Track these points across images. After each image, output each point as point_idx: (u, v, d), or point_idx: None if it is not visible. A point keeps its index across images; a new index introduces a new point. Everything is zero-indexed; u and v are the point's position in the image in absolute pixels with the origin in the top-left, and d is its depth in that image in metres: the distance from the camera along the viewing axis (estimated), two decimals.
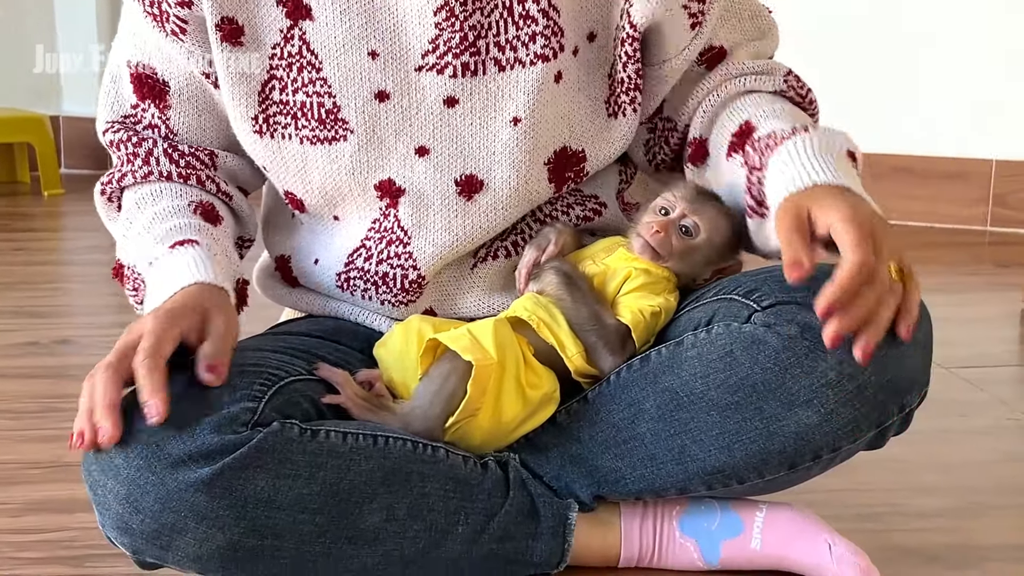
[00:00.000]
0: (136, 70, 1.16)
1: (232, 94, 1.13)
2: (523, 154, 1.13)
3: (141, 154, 1.17)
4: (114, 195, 1.20)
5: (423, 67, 1.10)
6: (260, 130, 1.14)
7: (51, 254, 2.70)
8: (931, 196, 2.92)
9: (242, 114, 1.13)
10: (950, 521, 1.27)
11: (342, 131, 1.12)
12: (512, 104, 1.11)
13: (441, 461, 1.05)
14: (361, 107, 1.11)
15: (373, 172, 1.13)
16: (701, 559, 1.11)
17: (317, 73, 1.10)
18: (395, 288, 1.16)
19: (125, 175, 1.18)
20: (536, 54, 1.11)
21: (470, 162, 1.13)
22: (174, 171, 1.17)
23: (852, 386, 1.00)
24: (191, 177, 1.17)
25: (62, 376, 1.74)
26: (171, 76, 1.15)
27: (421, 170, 1.13)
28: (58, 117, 3.53)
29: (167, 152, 1.17)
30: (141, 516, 0.96)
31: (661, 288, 1.12)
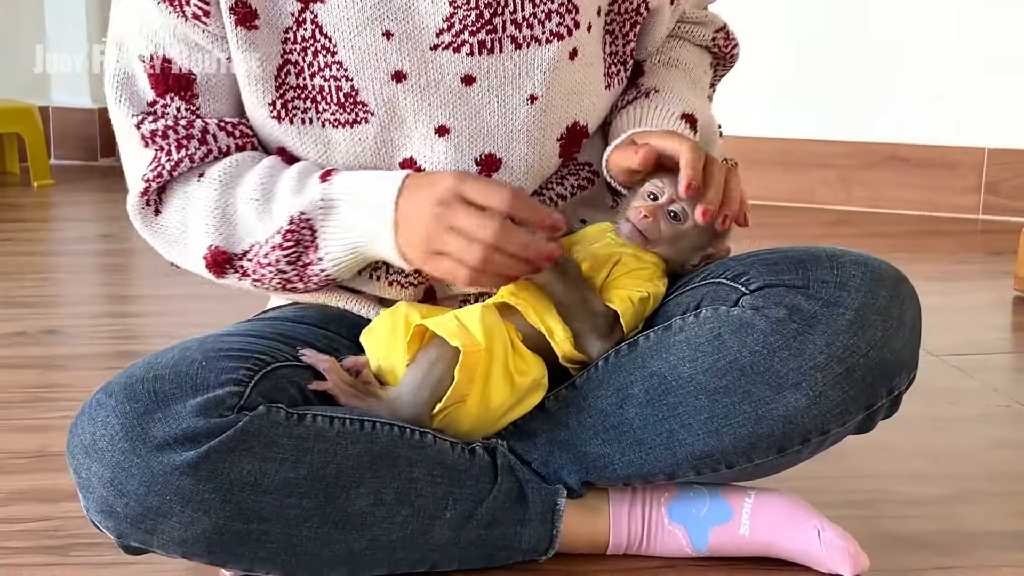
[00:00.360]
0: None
1: (248, 79, 1.11)
2: (539, 131, 1.13)
3: (196, 133, 1.11)
4: (153, 199, 1.12)
5: (438, 45, 1.09)
6: (279, 116, 1.12)
7: (40, 244, 2.69)
8: (924, 185, 2.92)
9: (258, 100, 1.11)
10: (940, 508, 1.26)
11: (363, 114, 1.10)
12: (529, 82, 1.11)
13: (429, 446, 1.05)
14: (379, 89, 1.09)
15: (397, 151, 1.12)
16: (690, 545, 1.11)
17: (332, 57, 1.09)
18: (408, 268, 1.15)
19: (179, 162, 1.10)
20: (552, 32, 1.11)
21: (488, 141, 1.13)
22: (232, 144, 1.12)
23: (841, 368, 1.00)
24: (246, 147, 1.13)
25: (49, 366, 1.73)
26: (194, 64, 1.11)
27: (442, 150, 1.12)
28: (47, 108, 3.52)
29: (221, 126, 1.12)
30: (126, 499, 0.95)
31: (650, 274, 1.12)
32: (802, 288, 1.02)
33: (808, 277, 1.03)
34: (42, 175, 3.22)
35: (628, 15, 1.18)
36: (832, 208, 2.98)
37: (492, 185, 1.02)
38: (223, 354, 1.01)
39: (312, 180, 1.09)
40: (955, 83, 2.88)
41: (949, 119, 2.89)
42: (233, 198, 1.10)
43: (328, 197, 1.07)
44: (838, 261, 1.04)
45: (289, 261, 1.09)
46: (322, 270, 1.09)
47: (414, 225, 1.03)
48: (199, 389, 0.97)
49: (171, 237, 1.13)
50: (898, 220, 2.89)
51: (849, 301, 1.01)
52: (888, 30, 2.91)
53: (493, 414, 1.08)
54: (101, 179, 3.38)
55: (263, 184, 1.09)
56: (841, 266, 1.03)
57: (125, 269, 2.49)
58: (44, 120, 3.41)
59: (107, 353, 1.79)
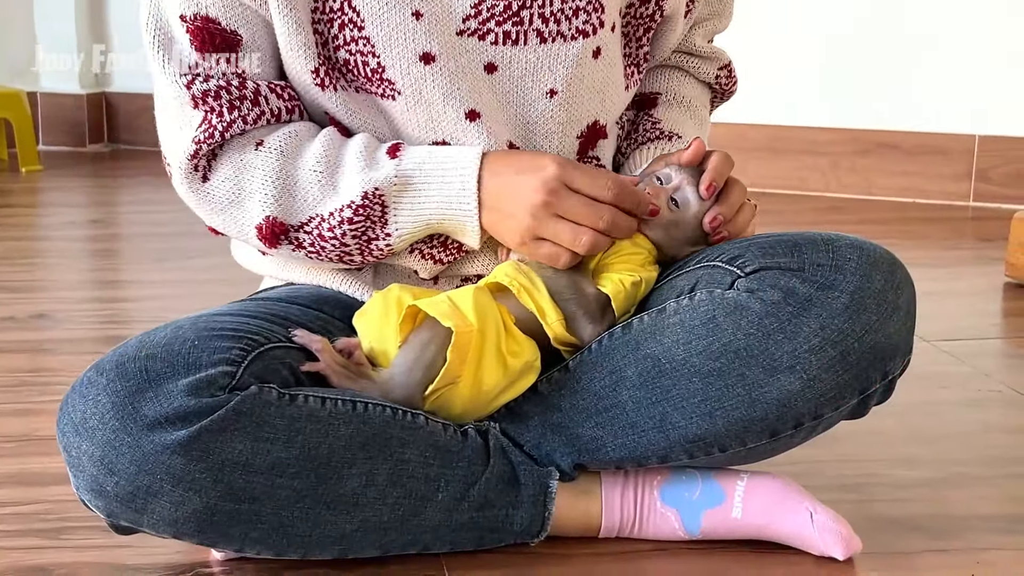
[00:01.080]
0: (195, 24, 1.07)
1: (290, 44, 1.09)
2: (557, 126, 1.14)
3: (248, 95, 1.08)
4: (201, 164, 1.09)
5: (464, 31, 1.09)
6: (322, 83, 1.10)
7: (28, 230, 2.67)
8: (915, 172, 2.93)
9: (302, 66, 1.10)
10: (932, 491, 1.27)
11: (390, 91, 1.10)
12: (551, 76, 1.11)
13: (421, 428, 1.04)
14: (406, 68, 1.08)
15: (426, 133, 1.11)
16: (682, 529, 1.10)
17: (359, 32, 1.08)
18: (436, 242, 1.13)
19: (232, 123, 1.07)
20: (578, 29, 1.11)
21: (511, 129, 1.13)
22: (283, 107, 1.11)
23: (835, 352, 1.00)
24: (295, 111, 1.12)
25: (38, 351, 1.73)
26: (240, 24, 1.08)
27: (475, 134, 1.11)
28: (36, 93, 3.50)
29: (271, 87, 1.10)
30: (116, 478, 0.95)
31: (643, 259, 1.12)
32: (797, 271, 1.02)
33: (803, 260, 1.02)
34: (30, 161, 3.21)
35: (643, 20, 1.19)
36: (823, 195, 2.98)
37: (598, 175, 1.06)
38: (216, 334, 1.00)
39: (381, 155, 1.09)
40: (945, 70, 2.88)
41: (939, 106, 2.90)
42: (294, 168, 1.09)
43: (402, 173, 1.07)
44: (833, 245, 1.03)
45: (355, 235, 1.09)
46: (387, 245, 1.10)
47: (512, 209, 1.06)
48: (191, 368, 0.97)
49: (219, 204, 1.11)
50: (889, 207, 2.89)
51: (844, 285, 1.01)
52: (878, 18, 2.91)
53: (485, 396, 1.08)
54: (89, 165, 3.37)
55: (327, 156, 1.09)
56: (836, 250, 1.03)
57: (114, 254, 2.48)
58: (32, 105, 3.39)
59: (96, 338, 1.79)
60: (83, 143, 3.55)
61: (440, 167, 1.08)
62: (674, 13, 1.21)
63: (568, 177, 1.05)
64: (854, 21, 2.93)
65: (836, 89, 2.97)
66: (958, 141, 2.89)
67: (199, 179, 1.10)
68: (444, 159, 1.08)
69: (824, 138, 2.97)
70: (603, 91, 1.16)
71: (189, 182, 1.11)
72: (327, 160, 1.09)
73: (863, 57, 2.92)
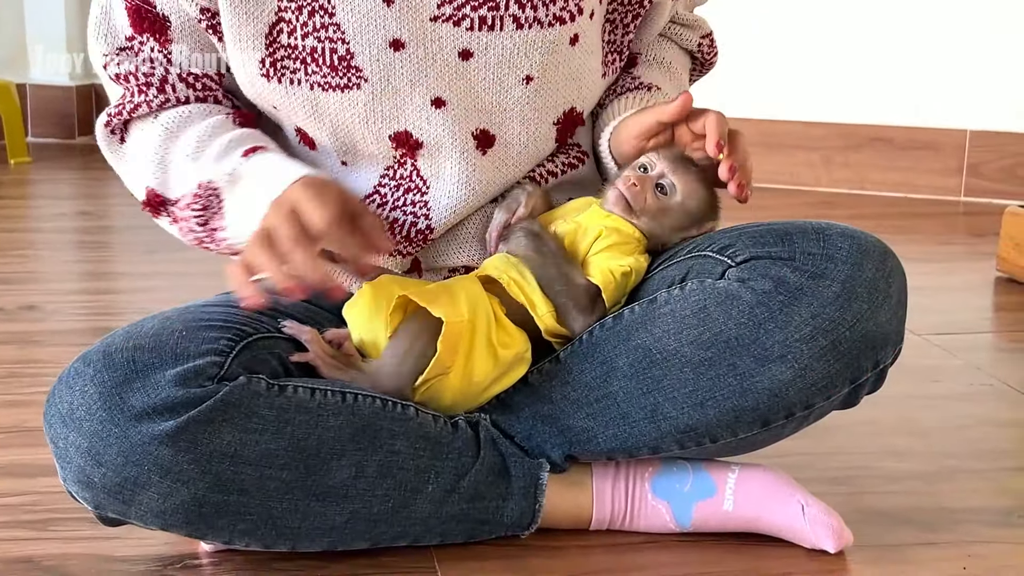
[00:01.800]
0: (133, 3, 1.12)
1: (237, 36, 1.09)
2: (533, 112, 1.13)
3: (155, 82, 1.12)
4: (118, 128, 1.15)
5: (439, 17, 1.08)
6: (267, 74, 1.11)
7: (17, 222, 2.66)
8: (907, 167, 2.93)
9: (248, 57, 1.10)
10: (923, 484, 1.26)
11: (355, 79, 1.09)
12: (527, 62, 1.11)
13: (411, 419, 1.04)
14: (376, 55, 1.08)
15: (387, 123, 1.11)
16: (673, 521, 1.10)
17: (330, 18, 1.07)
18: (399, 235, 1.14)
19: (138, 106, 1.12)
20: (555, 15, 1.10)
21: (483, 116, 1.12)
22: (192, 95, 1.13)
23: (826, 341, 1.00)
24: (208, 99, 1.14)
25: (27, 342, 1.72)
26: (171, 11, 1.11)
27: (439, 122, 1.11)
28: (25, 85, 3.48)
29: (182, 77, 1.13)
30: (103, 469, 0.94)
31: (632, 248, 1.11)
32: (788, 260, 1.01)
33: (794, 249, 1.02)
34: (19, 153, 3.19)
35: (631, 6, 1.19)
36: (815, 190, 2.98)
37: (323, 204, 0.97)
38: (204, 324, 1.00)
39: (237, 152, 1.09)
40: (937, 65, 2.88)
41: (931, 101, 2.90)
42: (173, 148, 1.12)
43: (238, 172, 1.07)
44: (824, 233, 1.03)
45: (199, 223, 1.11)
46: (226, 238, 1.11)
47: None
48: (179, 359, 0.96)
49: (128, 166, 1.16)
50: (881, 202, 2.89)
51: (835, 273, 1.01)
52: (871, 12, 2.91)
53: (476, 387, 1.07)
54: (79, 157, 3.36)
55: (199, 142, 1.11)
56: (827, 238, 1.03)
57: (103, 246, 2.47)
58: (22, 97, 3.37)
59: (85, 329, 1.78)
60: (72, 135, 3.54)
61: (268, 174, 1.05)
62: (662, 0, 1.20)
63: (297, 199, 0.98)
64: (846, 15, 2.93)
65: (828, 84, 2.97)
66: (950, 136, 2.89)
67: (117, 141, 1.16)
68: (275, 169, 1.05)
69: (816, 133, 2.97)
70: (579, 78, 1.15)
71: (108, 143, 1.16)
72: (198, 145, 1.10)
73: (855, 51, 2.92)
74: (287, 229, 0.95)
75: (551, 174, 1.19)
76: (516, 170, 1.16)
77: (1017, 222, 2.11)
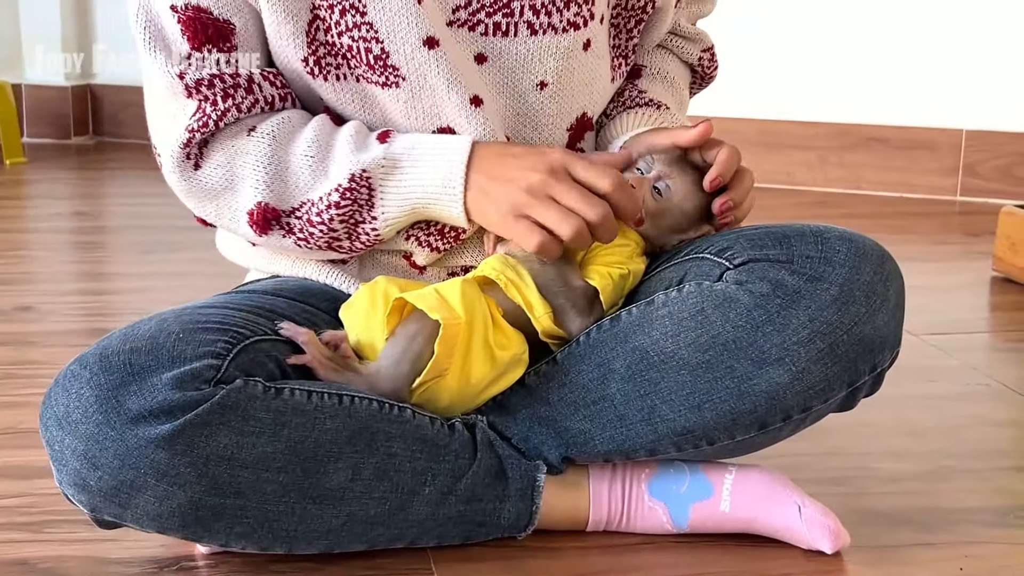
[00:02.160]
0: (186, 14, 1.06)
1: (279, 33, 1.08)
2: (547, 118, 1.13)
3: (242, 83, 1.08)
4: (194, 153, 1.08)
5: (454, 22, 1.08)
6: (312, 72, 1.10)
7: (13, 222, 2.65)
8: (902, 166, 2.93)
9: (292, 55, 1.09)
10: (920, 484, 1.26)
11: (393, 78, 1.08)
12: (541, 68, 1.11)
13: (408, 421, 1.04)
14: (411, 54, 1.07)
15: (430, 119, 1.10)
16: (670, 522, 1.10)
17: (361, 17, 1.06)
18: (433, 229, 1.12)
19: (227, 111, 1.07)
20: (569, 21, 1.10)
21: (504, 121, 1.12)
22: (276, 95, 1.10)
23: (824, 344, 1.00)
24: (287, 98, 1.11)
25: (23, 343, 1.72)
26: (232, 13, 1.07)
27: (479, 120, 1.10)
28: (20, 85, 3.48)
29: (264, 75, 1.09)
30: (99, 473, 0.94)
31: (630, 251, 1.12)
32: (786, 263, 1.01)
33: (792, 252, 1.02)
34: (14, 153, 3.18)
35: (634, 12, 1.19)
36: (811, 189, 2.98)
37: (601, 170, 1.04)
38: (201, 326, 0.99)
39: (371, 139, 1.08)
40: (932, 64, 2.88)
41: (927, 100, 2.90)
42: (286, 154, 1.08)
43: (391, 155, 1.06)
44: (822, 236, 1.03)
45: (343, 220, 1.08)
46: (374, 230, 1.09)
47: (505, 181, 1.04)
48: (176, 361, 0.96)
49: (210, 192, 1.10)
50: (877, 201, 2.89)
51: (833, 276, 1.01)
52: (867, 12, 2.91)
53: (473, 389, 1.07)
54: (75, 157, 3.35)
55: (318, 141, 1.08)
56: (826, 241, 1.03)
57: (99, 247, 2.47)
58: (17, 97, 3.36)
59: (81, 330, 1.78)
60: (68, 135, 3.53)
61: (429, 151, 1.07)
62: (665, 4, 1.20)
63: (572, 164, 1.04)
64: (841, 15, 2.93)
65: (824, 83, 2.97)
66: (946, 136, 2.89)
67: (191, 167, 1.09)
68: (434, 144, 1.07)
69: (812, 132, 2.97)
70: (591, 83, 1.16)
71: (181, 170, 1.10)
72: (318, 145, 1.08)
73: (851, 51, 2.92)
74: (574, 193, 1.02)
75: None
76: None
77: (1013, 222, 2.11)
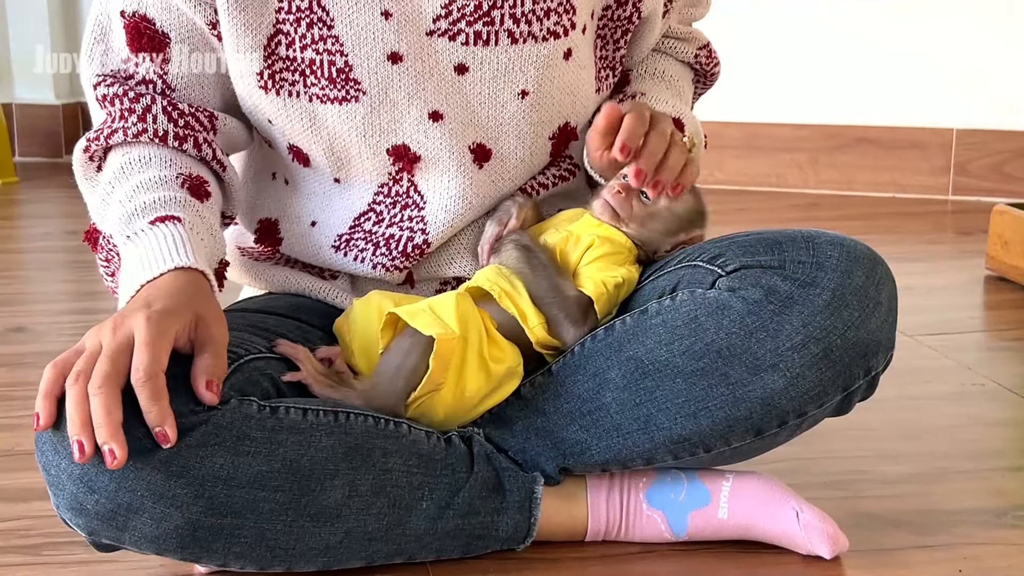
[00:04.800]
0: (132, 20, 1.10)
1: (236, 47, 1.09)
2: (529, 127, 1.14)
3: (138, 110, 1.11)
4: (97, 155, 1.13)
5: (434, 32, 1.09)
6: (265, 86, 1.11)
7: (5, 242, 2.65)
8: (894, 166, 2.93)
9: (247, 69, 1.10)
10: (917, 487, 1.27)
11: (354, 91, 1.09)
12: (522, 77, 1.11)
13: (404, 436, 1.04)
14: (374, 68, 1.08)
15: (385, 135, 1.11)
16: (669, 531, 1.10)
17: (328, 30, 1.08)
18: (395, 251, 1.15)
19: (115, 131, 1.11)
20: (549, 30, 1.11)
21: (480, 131, 1.13)
22: (171, 131, 1.11)
23: (818, 349, 1.00)
24: (188, 139, 1.12)
25: (17, 364, 1.71)
26: (171, 27, 1.10)
27: (437, 135, 1.11)
28: (11, 104, 3.47)
29: (166, 110, 1.11)
30: (96, 496, 0.94)
31: (623, 259, 1.12)
32: (778, 269, 1.02)
33: (784, 258, 1.02)
34: (6, 172, 3.18)
35: (620, 22, 1.19)
36: (803, 192, 2.98)
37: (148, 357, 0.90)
38: None
39: (146, 219, 1.04)
40: (921, 64, 2.89)
41: (917, 100, 2.90)
42: (115, 190, 1.09)
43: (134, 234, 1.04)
44: (814, 242, 1.03)
45: (107, 272, 1.14)
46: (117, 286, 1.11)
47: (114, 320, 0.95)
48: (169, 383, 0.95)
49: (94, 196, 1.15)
50: (869, 202, 2.90)
51: (825, 281, 1.01)
52: (854, 13, 2.92)
53: (468, 402, 1.07)
54: (66, 176, 3.30)
55: (136, 191, 1.07)
56: (817, 246, 1.03)
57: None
58: (8, 116, 3.36)
59: None
60: (59, 153, 3.53)
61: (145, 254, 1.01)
62: (651, 15, 1.21)
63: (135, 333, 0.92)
64: (830, 16, 2.93)
65: (813, 85, 2.97)
66: (936, 135, 2.90)
67: (94, 168, 1.14)
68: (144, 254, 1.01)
69: (802, 134, 2.98)
70: (573, 93, 1.16)
71: (84, 169, 1.14)
72: (134, 193, 1.07)
73: (839, 52, 2.93)
74: (106, 365, 0.90)
75: (542, 186, 1.20)
76: (511, 183, 1.16)
77: (1005, 220, 2.12)
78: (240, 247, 1.25)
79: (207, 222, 1.08)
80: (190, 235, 1.03)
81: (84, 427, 0.89)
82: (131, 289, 1.00)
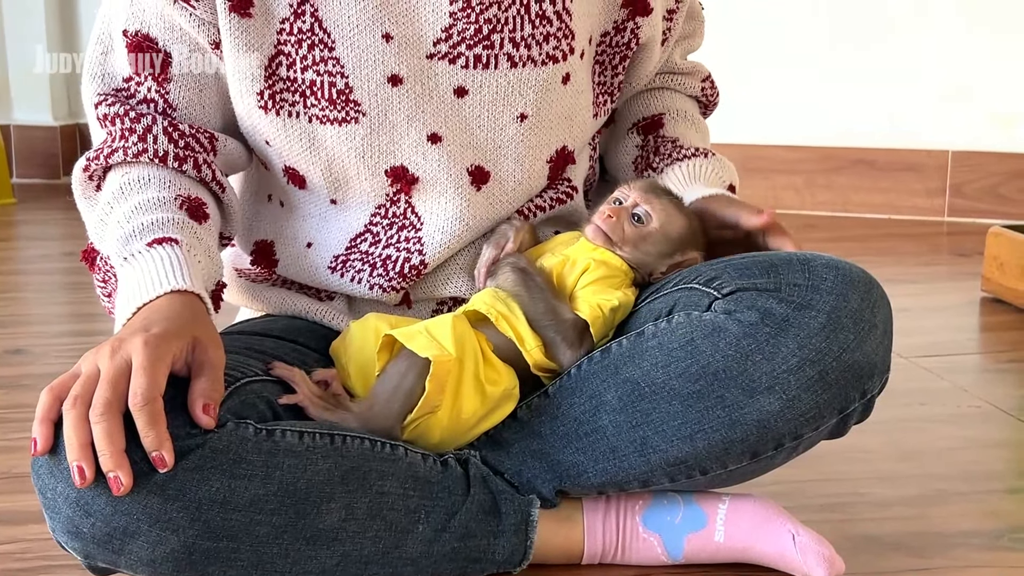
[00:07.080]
0: (134, 39, 1.11)
1: (237, 67, 1.10)
2: (527, 150, 1.15)
3: (138, 130, 1.11)
4: (96, 174, 1.13)
5: (434, 55, 1.09)
6: (266, 106, 1.11)
7: (3, 264, 2.65)
8: (889, 188, 2.94)
9: (247, 88, 1.11)
10: (913, 509, 1.27)
11: (353, 113, 1.10)
12: (521, 100, 1.12)
13: (400, 459, 1.04)
14: (374, 90, 1.09)
15: (384, 157, 1.12)
16: (665, 554, 1.10)
17: (329, 52, 1.09)
18: (392, 272, 1.15)
19: (115, 151, 1.11)
20: (548, 54, 1.12)
21: (478, 153, 1.14)
22: (171, 152, 1.12)
23: (813, 372, 1.00)
24: (188, 160, 1.12)
25: (15, 386, 1.71)
26: (173, 47, 1.11)
27: (435, 157, 1.12)
28: (9, 126, 3.48)
29: (167, 131, 1.12)
30: (92, 519, 0.94)
31: (619, 282, 1.12)
32: (774, 291, 1.02)
33: (780, 280, 1.03)
34: (4, 194, 3.19)
35: (619, 48, 1.20)
36: (799, 213, 2.99)
37: (146, 381, 0.90)
38: None
39: (143, 240, 1.05)
40: (917, 86, 2.90)
41: (912, 122, 2.91)
42: (114, 211, 1.10)
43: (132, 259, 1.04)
44: (809, 265, 1.04)
45: (101, 288, 1.13)
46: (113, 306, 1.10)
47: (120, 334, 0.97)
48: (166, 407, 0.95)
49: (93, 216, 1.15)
50: (864, 224, 2.90)
51: (821, 304, 1.01)
52: (850, 35, 2.93)
53: (464, 424, 1.07)
54: (64, 197, 3.32)
55: (134, 212, 1.08)
56: (812, 269, 1.03)
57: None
58: (5, 138, 3.37)
59: None
60: (57, 175, 3.54)
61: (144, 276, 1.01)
62: (649, 41, 1.22)
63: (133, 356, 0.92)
64: (825, 39, 2.95)
65: (809, 107, 2.98)
66: (932, 157, 2.91)
67: (93, 188, 1.14)
68: (141, 276, 1.01)
69: (798, 156, 2.99)
70: (571, 117, 1.17)
71: (83, 188, 1.14)
72: (132, 214, 1.08)
73: (835, 75, 2.94)
74: (106, 391, 0.89)
75: (539, 208, 1.20)
76: (509, 206, 1.17)
77: (1001, 242, 2.12)
78: (237, 268, 1.25)
79: (205, 244, 1.08)
80: (187, 257, 1.03)
81: (84, 451, 0.90)
82: (128, 311, 1.00)
